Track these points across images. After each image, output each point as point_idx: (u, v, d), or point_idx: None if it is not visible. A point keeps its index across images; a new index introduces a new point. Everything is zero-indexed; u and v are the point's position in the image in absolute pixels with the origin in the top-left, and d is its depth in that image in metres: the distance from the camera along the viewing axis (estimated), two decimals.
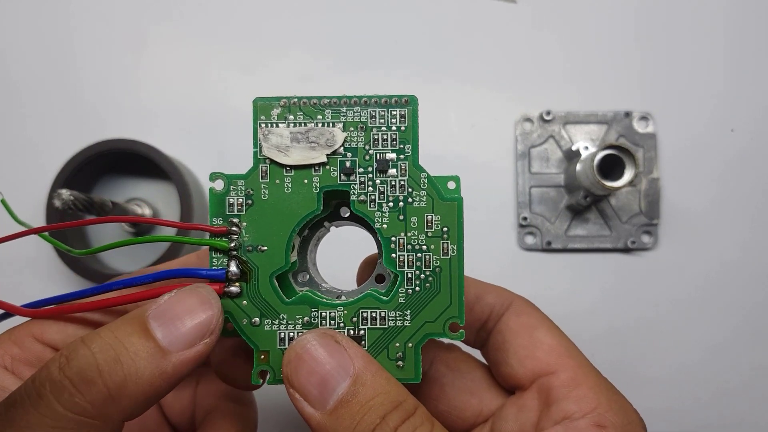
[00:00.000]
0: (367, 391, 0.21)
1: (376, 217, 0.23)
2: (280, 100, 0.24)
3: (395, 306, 0.23)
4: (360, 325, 0.23)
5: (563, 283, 0.46)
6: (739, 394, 0.45)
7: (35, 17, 0.48)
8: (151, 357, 0.20)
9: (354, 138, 0.23)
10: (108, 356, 0.19)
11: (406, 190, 0.23)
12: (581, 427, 0.23)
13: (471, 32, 0.48)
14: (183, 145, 0.47)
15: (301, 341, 0.22)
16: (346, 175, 0.23)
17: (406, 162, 0.23)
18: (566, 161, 0.46)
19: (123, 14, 0.48)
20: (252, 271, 0.23)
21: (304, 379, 0.21)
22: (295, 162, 0.23)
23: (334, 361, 0.21)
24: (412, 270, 0.23)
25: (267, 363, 0.23)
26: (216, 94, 0.48)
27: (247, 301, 0.23)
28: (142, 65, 0.48)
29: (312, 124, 0.23)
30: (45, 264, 0.46)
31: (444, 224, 0.23)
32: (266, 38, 0.48)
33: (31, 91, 0.48)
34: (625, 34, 0.48)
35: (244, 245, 0.23)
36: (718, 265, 0.45)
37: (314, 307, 0.23)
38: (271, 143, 0.23)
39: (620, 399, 0.24)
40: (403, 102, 0.24)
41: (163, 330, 0.20)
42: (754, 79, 0.47)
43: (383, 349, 0.23)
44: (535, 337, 0.26)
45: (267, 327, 0.23)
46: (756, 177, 0.46)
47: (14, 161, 0.47)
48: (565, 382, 0.24)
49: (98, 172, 0.46)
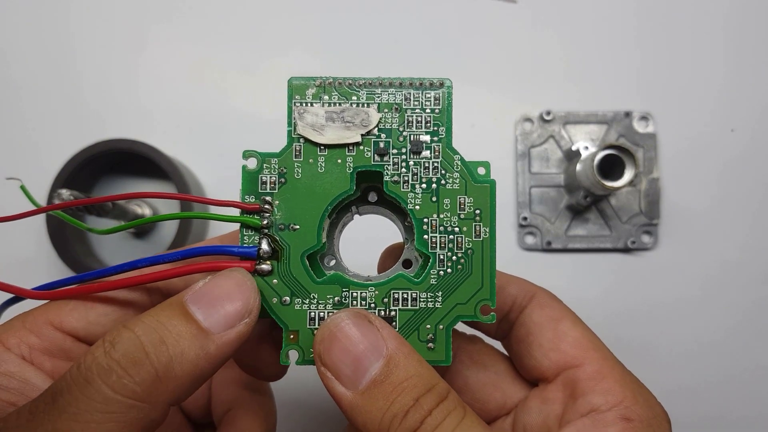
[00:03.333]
0: (400, 373, 0.21)
1: (409, 198, 0.23)
2: (315, 80, 0.24)
3: (427, 287, 0.23)
4: (391, 305, 0.23)
5: (563, 283, 0.46)
6: (740, 394, 0.45)
7: (35, 17, 0.48)
8: (195, 338, 0.20)
9: (388, 119, 0.24)
10: (153, 338, 0.19)
11: (439, 171, 0.23)
12: (608, 419, 0.23)
13: (471, 32, 0.48)
14: (183, 145, 0.47)
15: (335, 319, 0.22)
16: (380, 156, 0.23)
17: (439, 144, 0.24)
18: (566, 161, 0.47)
19: (123, 14, 0.48)
20: (283, 249, 0.23)
21: (336, 358, 0.21)
22: (329, 141, 0.23)
23: (368, 341, 0.21)
24: (444, 251, 0.23)
25: (296, 343, 0.23)
26: (216, 94, 0.47)
27: (278, 280, 0.23)
28: (142, 65, 0.48)
29: (347, 104, 0.23)
30: (45, 264, 0.45)
31: (477, 206, 0.23)
32: (266, 38, 0.48)
33: (31, 91, 0.48)
34: (625, 34, 0.48)
35: (276, 223, 0.23)
36: (718, 265, 0.46)
37: (345, 287, 0.23)
38: (306, 122, 0.23)
39: (645, 392, 0.24)
40: (437, 84, 0.24)
41: (204, 312, 0.20)
42: (754, 79, 0.48)
43: (414, 331, 0.23)
44: (560, 329, 0.26)
45: (297, 306, 0.23)
46: (756, 177, 0.47)
47: (14, 161, 0.46)
48: (591, 375, 0.24)
49: (98, 172, 0.46)
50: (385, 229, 0.29)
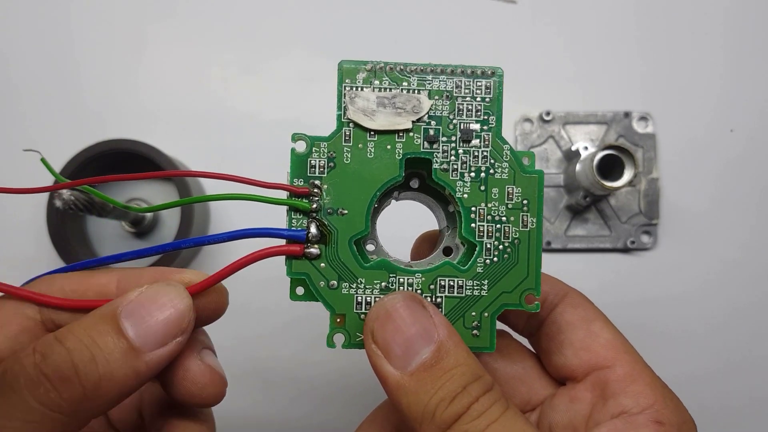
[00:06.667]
0: (450, 360, 0.21)
1: (457, 186, 0.24)
2: (366, 64, 0.24)
3: (473, 275, 0.23)
4: (437, 292, 0.23)
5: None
6: (740, 393, 0.46)
7: (35, 17, 0.48)
8: (125, 357, 0.20)
9: (439, 107, 0.24)
10: (84, 356, 0.19)
11: (489, 161, 0.24)
12: (640, 422, 0.23)
13: (471, 32, 0.48)
14: (183, 145, 0.46)
15: (391, 299, 0.22)
16: (430, 143, 0.23)
17: (489, 133, 0.24)
18: (566, 161, 0.47)
19: (123, 14, 0.48)
20: (331, 234, 0.23)
21: (389, 337, 0.21)
22: (380, 127, 0.23)
23: (420, 326, 0.22)
24: (491, 240, 0.23)
25: (343, 326, 0.23)
26: (216, 94, 0.47)
27: (326, 264, 0.23)
28: (142, 65, 0.48)
29: (398, 90, 0.23)
30: (45, 264, 0.44)
31: (524, 197, 0.24)
32: (266, 38, 0.48)
33: (31, 92, 0.47)
34: (624, 35, 0.48)
35: (325, 208, 0.23)
36: (718, 265, 0.47)
37: (393, 273, 0.23)
38: (357, 106, 0.23)
39: (675, 398, 0.25)
40: (489, 73, 0.24)
41: (135, 329, 0.20)
42: (754, 80, 0.48)
43: (460, 318, 0.23)
44: (592, 329, 0.26)
45: (344, 290, 0.23)
46: (755, 177, 0.47)
47: (15, 161, 0.45)
48: (622, 377, 0.25)
49: (99, 173, 0.44)
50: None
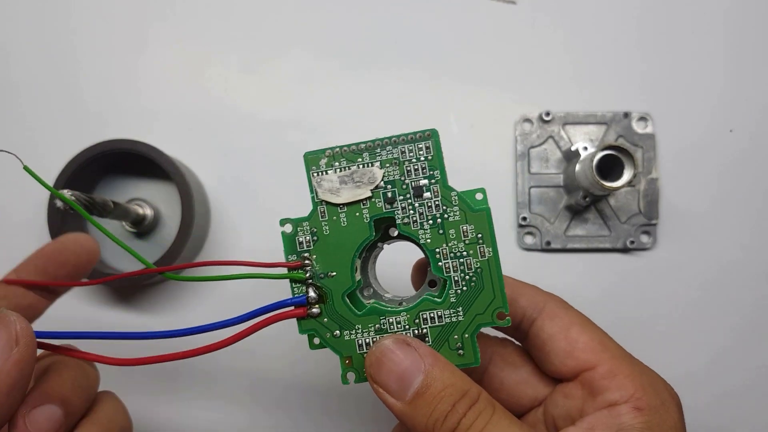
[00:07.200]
0: (437, 384, 0.26)
1: (420, 234, 0.28)
2: (324, 152, 0.28)
3: (448, 305, 0.28)
4: (422, 325, 0.28)
5: (562, 283, 0.44)
6: (740, 393, 0.45)
7: (35, 17, 0.48)
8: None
9: (391, 172, 0.28)
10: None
11: (441, 208, 0.28)
12: (622, 411, 0.27)
13: (470, 32, 0.48)
14: (184, 145, 0.47)
15: (380, 346, 0.27)
16: (390, 204, 0.28)
17: (437, 185, 0.28)
18: (565, 162, 0.47)
19: (123, 14, 0.48)
20: (327, 293, 0.28)
21: (385, 377, 0.26)
22: (346, 200, 0.28)
23: (408, 361, 0.26)
24: (458, 273, 0.28)
25: (352, 366, 0.28)
26: (216, 94, 0.48)
27: (327, 318, 0.28)
28: (142, 65, 0.48)
29: (354, 167, 0.28)
30: None
31: (478, 231, 0.28)
32: (266, 37, 0.48)
33: (31, 92, 0.48)
34: (624, 35, 0.48)
35: (317, 273, 0.28)
36: (718, 265, 0.46)
37: (382, 316, 0.28)
38: (324, 188, 0.28)
39: (654, 382, 0.28)
40: (426, 135, 0.28)
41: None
42: (754, 80, 0.47)
43: (444, 342, 0.28)
44: (571, 337, 0.29)
45: (347, 337, 0.28)
46: (755, 177, 0.47)
47: (15, 162, 0.48)
48: (604, 375, 0.28)
49: (99, 173, 0.46)
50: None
